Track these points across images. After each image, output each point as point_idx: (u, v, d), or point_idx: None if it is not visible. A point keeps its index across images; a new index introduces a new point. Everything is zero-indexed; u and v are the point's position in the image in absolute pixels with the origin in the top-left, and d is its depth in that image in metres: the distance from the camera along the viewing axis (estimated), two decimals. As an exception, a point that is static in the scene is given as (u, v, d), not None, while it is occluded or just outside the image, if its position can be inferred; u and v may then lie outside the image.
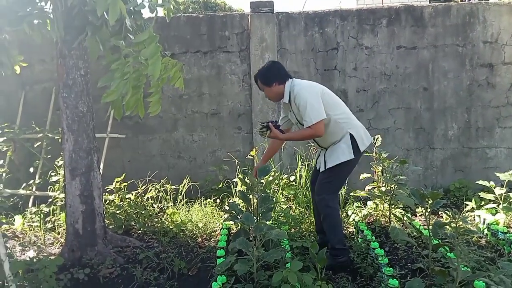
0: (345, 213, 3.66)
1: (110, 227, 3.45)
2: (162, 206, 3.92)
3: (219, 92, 4.46)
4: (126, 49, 2.22)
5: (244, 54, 4.42)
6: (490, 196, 3.52)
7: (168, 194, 3.93)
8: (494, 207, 3.47)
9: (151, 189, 3.95)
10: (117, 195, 3.79)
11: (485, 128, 4.35)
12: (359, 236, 3.20)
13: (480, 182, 3.62)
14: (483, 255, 2.68)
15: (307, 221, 3.43)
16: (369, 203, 3.74)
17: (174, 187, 3.97)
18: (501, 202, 3.47)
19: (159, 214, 3.77)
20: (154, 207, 3.85)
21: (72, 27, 2.59)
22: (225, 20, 4.41)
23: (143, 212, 3.65)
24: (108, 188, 3.86)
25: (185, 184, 3.99)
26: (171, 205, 3.85)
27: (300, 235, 3.22)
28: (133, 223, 3.61)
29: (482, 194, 3.59)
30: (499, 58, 4.27)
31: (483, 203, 3.65)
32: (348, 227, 3.53)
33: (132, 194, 3.85)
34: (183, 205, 3.84)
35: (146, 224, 3.54)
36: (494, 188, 3.52)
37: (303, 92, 2.64)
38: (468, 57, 4.29)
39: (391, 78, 4.36)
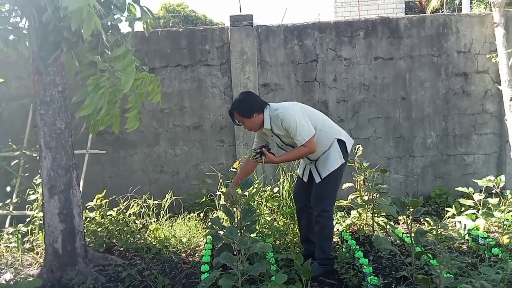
0: (329, 223, 3.67)
1: (91, 245, 3.37)
2: (144, 222, 3.85)
3: (200, 105, 4.46)
4: (102, 64, 2.20)
5: (225, 67, 4.44)
6: (469, 202, 3.60)
7: (151, 209, 3.87)
8: (474, 213, 3.54)
9: (133, 205, 3.89)
10: (98, 212, 3.71)
11: (462, 135, 4.46)
12: (344, 246, 3.21)
13: (460, 188, 3.70)
14: (464, 261, 2.72)
15: (291, 232, 3.43)
16: (353, 212, 3.76)
17: (156, 202, 3.91)
18: (480, 208, 3.54)
19: (141, 230, 3.71)
20: (136, 223, 3.79)
21: (47, 43, 2.56)
22: (205, 34, 4.43)
23: (125, 229, 3.58)
24: (88, 205, 3.78)
25: (168, 199, 3.94)
26: (154, 221, 3.80)
27: (285, 247, 3.21)
28: (115, 241, 3.54)
29: (462, 200, 3.67)
30: (472, 67, 4.41)
31: (463, 209, 3.72)
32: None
33: (114, 210, 3.78)
34: (166, 220, 3.78)
35: (129, 241, 3.47)
36: (473, 194, 3.60)
37: (289, 114, 2.68)
38: (444, 67, 4.41)
39: (370, 88, 4.44)
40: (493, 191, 3.55)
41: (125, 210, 3.86)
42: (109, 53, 2.30)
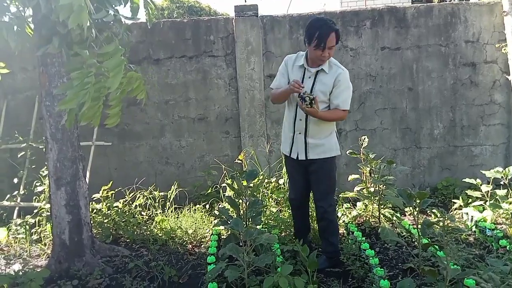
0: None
1: (97, 236, 3.39)
2: (150, 213, 3.86)
3: (205, 96, 4.44)
4: (90, 60, 2.18)
5: (230, 58, 4.40)
6: (477, 194, 3.57)
7: (157, 201, 3.88)
8: (481, 204, 3.51)
9: (139, 197, 3.90)
10: (104, 203, 3.73)
11: (470, 126, 4.41)
12: (350, 238, 3.20)
13: (467, 180, 3.67)
14: (471, 253, 2.70)
15: (297, 224, 3.42)
16: (359, 204, 3.75)
17: (162, 194, 3.92)
18: (487, 199, 3.52)
19: (147, 222, 3.72)
20: (142, 215, 3.80)
21: (40, 36, 2.56)
22: (209, 25, 4.39)
23: (131, 220, 3.60)
24: (95, 197, 3.80)
25: (173, 190, 3.94)
26: (160, 212, 3.81)
27: (291, 238, 3.21)
28: (121, 232, 3.56)
29: (469, 192, 3.64)
30: (481, 57, 4.34)
31: (470, 200, 3.70)
32: (339, 229, 3.52)
33: (120, 202, 3.80)
34: (172, 212, 3.80)
35: (135, 233, 3.49)
36: (481, 185, 3.57)
37: (347, 76, 2.68)
38: (451, 57, 4.35)
39: (376, 79, 4.39)
40: (501, 183, 3.52)
41: (131, 202, 3.88)
42: (96, 48, 2.28)
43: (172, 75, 4.43)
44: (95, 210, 3.69)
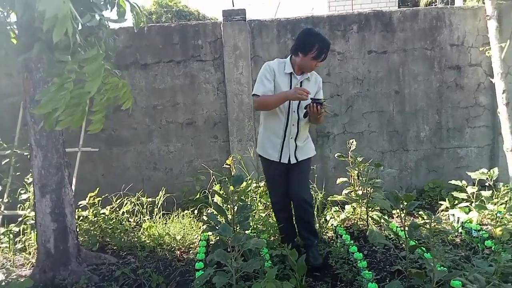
0: (323, 218, 3.68)
1: (84, 244, 3.34)
2: (138, 220, 3.82)
3: (193, 101, 4.42)
4: (71, 65, 2.15)
5: (218, 63, 4.40)
6: (462, 195, 3.61)
7: (144, 207, 3.84)
8: (467, 206, 3.55)
9: (126, 203, 3.86)
10: (91, 210, 3.68)
11: (456, 128, 4.47)
12: (338, 241, 3.21)
13: (453, 181, 3.71)
14: (458, 254, 2.73)
15: (286, 228, 3.42)
16: (347, 207, 3.76)
17: (150, 199, 3.89)
18: (473, 201, 3.56)
19: (135, 229, 3.68)
20: (130, 222, 3.76)
21: (20, 43, 2.53)
22: (197, 29, 4.38)
23: (118, 227, 3.56)
24: (81, 204, 3.75)
25: (161, 196, 3.91)
26: (148, 219, 3.77)
27: (279, 243, 3.20)
28: (108, 239, 3.51)
29: (455, 194, 3.68)
30: (465, 60, 4.40)
31: (456, 202, 3.74)
32: (327, 232, 3.54)
33: (107, 209, 3.75)
34: (160, 218, 3.76)
35: (122, 240, 3.44)
36: (466, 187, 3.61)
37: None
38: (437, 60, 4.41)
39: (363, 82, 4.43)
40: (486, 184, 3.56)
41: (118, 208, 3.83)
42: (82, 52, 2.26)
43: (160, 80, 4.41)
44: (81, 218, 3.63)
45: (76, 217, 3.44)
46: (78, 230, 3.12)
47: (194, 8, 14.42)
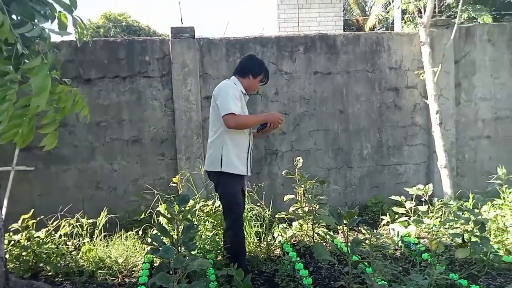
0: (271, 235, 3.69)
1: (13, 271, 3.08)
2: (77, 243, 3.60)
3: (140, 118, 4.31)
4: (12, 75, 2.04)
5: (166, 79, 4.35)
6: (402, 210, 3.79)
7: (84, 229, 3.63)
8: (406, 220, 3.73)
9: (64, 225, 3.63)
10: (24, 234, 3.41)
11: (395, 146, 4.72)
12: (285, 258, 3.22)
13: (393, 197, 3.89)
14: (396, 268, 2.83)
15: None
16: (294, 223, 3.81)
17: (91, 221, 3.68)
18: (411, 215, 3.74)
19: (73, 252, 3.46)
20: (68, 245, 3.53)
21: None
22: (144, 45, 4.31)
23: (54, 251, 3.32)
24: (12, 228, 3.46)
25: (103, 216, 3.72)
26: (88, 241, 3.56)
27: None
28: (42, 265, 3.26)
29: (395, 209, 3.86)
30: (403, 83, 4.70)
31: (396, 216, 3.91)
32: (274, 249, 3.55)
33: (42, 232, 3.50)
34: (101, 240, 3.57)
35: (58, 264, 3.22)
36: (405, 202, 3.80)
37: None
38: (377, 82, 4.66)
39: (310, 102, 4.57)
40: (423, 199, 3.78)
41: (55, 231, 3.59)
42: (26, 61, 2.14)
43: (104, 96, 4.26)
44: (12, 242, 3.35)
45: (6, 242, 3.18)
46: (7, 256, 2.87)
47: (145, 23, 14.24)
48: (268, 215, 3.80)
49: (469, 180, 4.77)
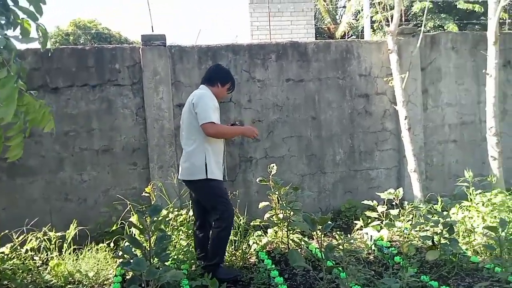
0: (246, 243, 3.66)
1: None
2: (45, 257, 3.46)
3: (110, 127, 4.22)
4: None
5: (137, 87, 4.28)
6: (374, 214, 3.86)
7: (53, 242, 3.50)
8: (379, 224, 3.80)
9: (31, 239, 3.48)
10: (-14, 250, 3.25)
11: (367, 152, 4.81)
12: (260, 266, 3.20)
13: (365, 201, 3.96)
14: (369, 272, 2.87)
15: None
16: (269, 230, 3.81)
17: (59, 234, 3.55)
18: (384, 219, 3.82)
19: (40, 268, 3.32)
20: (34, 260, 3.39)
21: None
22: (114, 53, 4.24)
23: (20, 267, 3.18)
24: (-27, 244, 3.30)
25: (72, 229, 3.60)
26: (56, 255, 3.43)
27: (201, 272, 3.11)
28: (6, 282, 3.11)
29: (368, 213, 3.93)
30: (373, 89, 4.81)
31: (369, 221, 3.98)
32: (250, 257, 3.53)
33: (7, 247, 3.34)
34: (70, 253, 3.45)
35: (24, 281, 3.08)
36: (377, 206, 3.87)
37: None
38: (348, 89, 4.76)
39: (283, 109, 4.60)
40: (394, 203, 3.86)
41: (20, 246, 3.44)
42: None
43: (73, 105, 4.15)
44: (-27, 259, 3.19)
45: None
46: (-32, 274, 2.72)
47: (116, 30, 14.01)
48: (243, 223, 3.79)
49: (438, 183, 4.91)
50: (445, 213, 3.31)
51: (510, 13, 10.95)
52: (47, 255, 3.47)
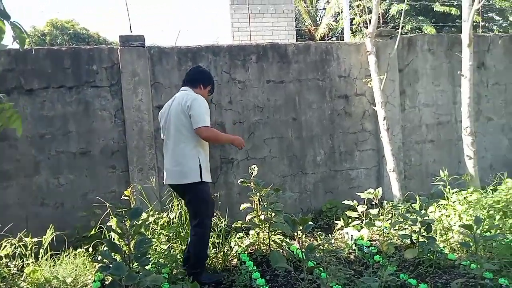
0: (228, 245, 3.65)
1: None
2: (20, 264, 3.36)
3: (88, 129, 4.13)
4: None
5: (116, 89, 4.21)
6: (355, 214, 3.91)
7: (28, 249, 3.40)
8: (359, 224, 3.85)
9: (5, 246, 3.38)
10: (-42, 258, 3.14)
11: (347, 152, 4.87)
12: (242, 268, 3.20)
13: (346, 201, 4.00)
14: (349, 272, 2.90)
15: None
16: (251, 232, 3.80)
17: (36, 240, 3.45)
18: (364, 219, 3.87)
19: (15, 275, 3.22)
20: (9, 267, 3.28)
21: None
22: (92, 54, 4.16)
23: (-7, 275, 3.08)
24: None
25: (49, 234, 3.51)
26: (32, 262, 3.34)
27: (183, 275, 3.08)
28: (-21, 291, 3.01)
29: (348, 213, 3.97)
30: (352, 91, 4.87)
31: (350, 220, 4.02)
32: (231, 259, 3.51)
33: (-20, 255, 3.23)
34: (47, 260, 3.36)
35: (-2, 289, 2.98)
36: (357, 206, 3.92)
37: None
38: (328, 90, 4.80)
39: (263, 110, 4.61)
40: (374, 202, 3.91)
41: (-6, 253, 3.33)
42: None
43: (48, 107, 4.05)
44: None
45: None
46: None
47: (94, 31, 13.76)
48: (225, 225, 3.77)
49: (416, 182, 5.02)
50: (423, 211, 3.37)
51: (483, 16, 11.29)
52: (22, 262, 3.37)
